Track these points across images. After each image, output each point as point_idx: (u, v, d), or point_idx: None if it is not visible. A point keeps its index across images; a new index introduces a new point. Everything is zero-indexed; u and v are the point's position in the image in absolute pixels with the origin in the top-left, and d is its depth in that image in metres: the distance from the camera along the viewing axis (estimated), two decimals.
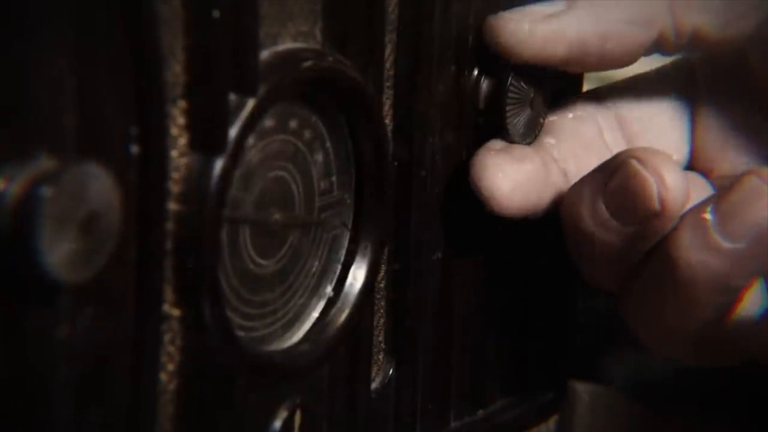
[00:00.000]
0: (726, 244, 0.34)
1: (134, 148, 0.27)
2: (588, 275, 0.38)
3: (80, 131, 0.26)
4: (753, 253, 0.34)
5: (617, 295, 0.38)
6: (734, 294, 0.35)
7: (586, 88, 0.42)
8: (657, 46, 0.38)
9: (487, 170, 0.36)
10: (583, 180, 0.36)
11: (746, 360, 0.37)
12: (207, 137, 0.29)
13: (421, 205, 0.37)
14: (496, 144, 0.37)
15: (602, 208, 0.35)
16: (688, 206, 0.35)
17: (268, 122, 0.32)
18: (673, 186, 0.34)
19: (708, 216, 0.34)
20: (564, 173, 0.38)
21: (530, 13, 0.36)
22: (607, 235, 0.35)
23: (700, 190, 0.37)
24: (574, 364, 0.43)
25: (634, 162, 0.34)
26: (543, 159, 0.37)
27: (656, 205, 0.34)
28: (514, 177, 0.36)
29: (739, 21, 0.37)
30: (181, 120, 0.29)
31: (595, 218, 0.35)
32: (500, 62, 0.37)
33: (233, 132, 0.30)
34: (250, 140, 0.31)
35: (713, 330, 0.35)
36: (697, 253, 0.34)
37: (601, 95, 0.40)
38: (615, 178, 0.35)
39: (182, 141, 0.29)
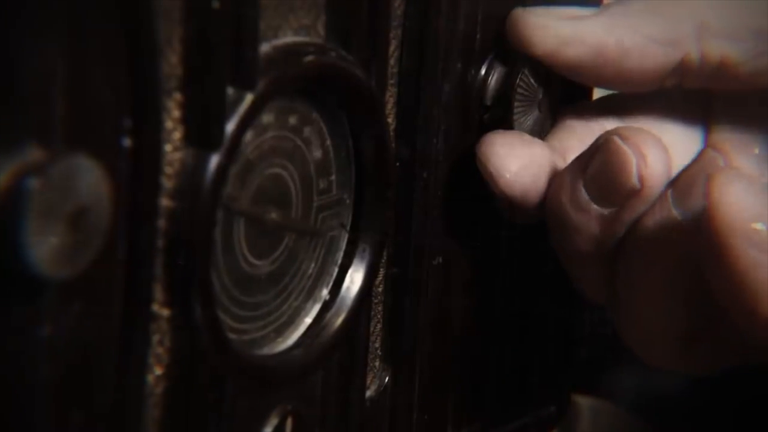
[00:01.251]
0: (681, 218, 0.34)
1: (127, 141, 0.27)
2: (574, 278, 0.38)
3: (70, 121, 0.26)
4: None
5: (605, 303, 0.38)
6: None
7: (596, 96, 0.41)
8: (678, 73, 0.37)
9: (495, 148, 0.36)
10: (565, 168, 0.37)
11: (733, 363, 0.37)
12: (203, 132, 0.29)
13: (422, 207, 0.37)
14: (502, 129, 0.37)
15: (582, 192, 0.35)
16: None
17: (267, 118, 0.32)
18: (654, 164, 0.34)
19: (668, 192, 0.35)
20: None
21: (557, 12, 0.37)
22: (586, 220, 0.36)
23: None
24: (577, 377, 0.43)
25: (616, 138, 0.34)
26: (551, 148, 0.38)
27: (635, 182, 0.34)
28: (523, 157, 0.36)
29: None
30: (176, 113, 0.29)
31: (575, 203, 0.36)
32: (509, 62, 0.37)
33: (230, 127, 0.30)
34: (248, 136, 0.31)
35: (697, 323, 0.36)
36: (660, 230, 0.34)
37: (613, 103, 0.40)
38: (596, 157, 0.35)
39: (177, 135, 0.29)
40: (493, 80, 0.38)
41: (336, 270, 0.35)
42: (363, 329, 0.36)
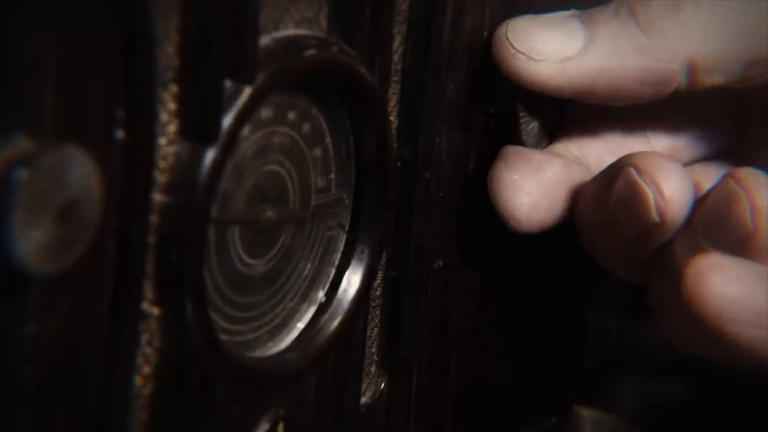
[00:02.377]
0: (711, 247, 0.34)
1: (120, 133, 0.27)
2: (609, 267, 0.39)
3: (62, 112, 0.25)
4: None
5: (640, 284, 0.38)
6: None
7: None
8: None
9: (504, 187, 0.36)
10: (588, 188, 0.37)
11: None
12: (198, 125, 0.29)
13: (423, 209, 0.37)
14: (511, 151, 0.37)
15: (608, 211, 0.36)
16: None
17: (265, 113, 0.31)
18: (672, 197, 0.34)
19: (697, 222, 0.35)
20: (587, 171, 0.38)
21: (542, 47, 0.36)
22: (614, 242, 0.36)
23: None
24: (579, 387, 0.43)
25: (631, 171, 0.34)
26: (563, 161, 0.37)
27: (655, 216, 0.34)
28: (535, 192, 0.36)
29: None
30: (171, 105, 0.29)
31: (600, 226, 0.36)
32: None
33: (227, 121, 0.29)
34: (245, 131, 0.31)
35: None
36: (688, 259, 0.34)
37: None
38: (616, 185, 0.35)
39: (172, 128, 0.29)
40: (499, 81, 0.37)
41: (333, 271, 0.35)
42: (359, 333, 0.36)
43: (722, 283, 0.32)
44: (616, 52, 0.36)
